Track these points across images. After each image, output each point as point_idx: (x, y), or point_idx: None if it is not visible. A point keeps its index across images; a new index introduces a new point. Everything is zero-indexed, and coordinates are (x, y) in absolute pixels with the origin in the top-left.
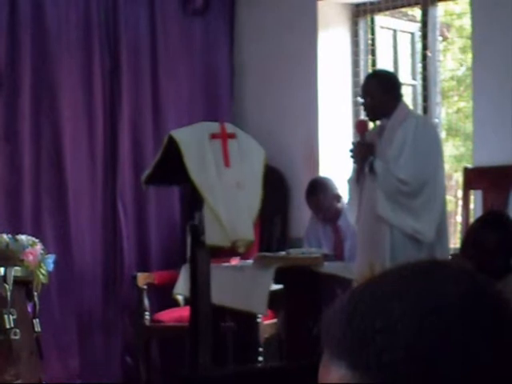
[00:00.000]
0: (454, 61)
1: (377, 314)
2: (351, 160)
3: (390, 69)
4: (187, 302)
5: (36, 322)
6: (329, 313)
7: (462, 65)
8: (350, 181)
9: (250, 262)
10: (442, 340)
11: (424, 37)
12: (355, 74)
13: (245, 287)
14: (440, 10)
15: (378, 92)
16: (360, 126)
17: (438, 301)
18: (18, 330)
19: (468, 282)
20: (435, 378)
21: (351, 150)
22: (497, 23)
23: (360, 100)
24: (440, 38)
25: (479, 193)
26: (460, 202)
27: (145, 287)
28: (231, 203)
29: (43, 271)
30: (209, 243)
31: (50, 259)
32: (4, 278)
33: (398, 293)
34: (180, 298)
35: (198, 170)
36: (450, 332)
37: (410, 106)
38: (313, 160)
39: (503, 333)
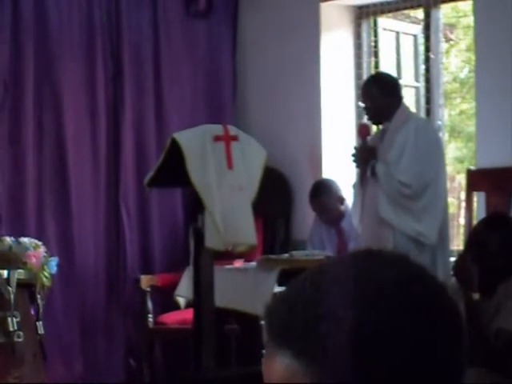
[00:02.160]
0: (458, 59)
1: (318, 301)
2: (353, 164)
3: (393, 71)
4: (188, 304)
5: (39, 324)
6: (271, 304)
7: (464, 66)
8: (355, 185)
9: (253, 264)
10: (383, 324)
11: (427, 39)
12: (358, 76)
13: (248, 289)
14: (443, 12)
15: (378, 95)
16: (362, 130)
17: (376, 286)
18: (21, 333)
19: (404, 267)
20: (379, 361)
21: (353, 155)
22: (500, 25)
23: (361, 104)
24: (443, 40)
25: (482, 195)
26: (463, 204)
27: (148, 290)
28: (233, 206)
29: (46, 274)
30: (207, 246)
31: (53, 262)
32: (7, 280)
33: (338, 280)
34: (181, 300)
35: (198, 173)
36: (390, 316)
37: (413, 108)
38: (316, 162)
39: (441, 313)
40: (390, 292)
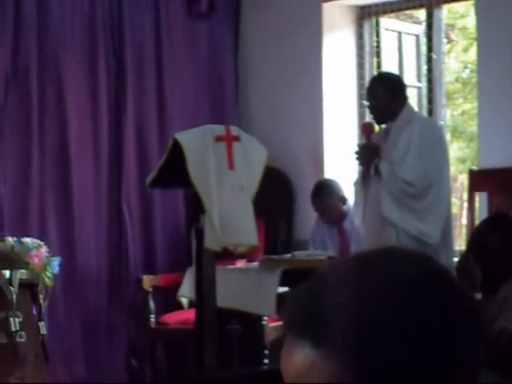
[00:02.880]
0: (456, 60)
1: (340, 293)
2: (357, 162)
3: (395, 71)
4: (191, 304)
5: (41, 324)
6: (292, 296)
7: (466, 67)
8: (356, 183)
9: (255, 264)
10: (403, 316)
11: (429, 39)
12: (360, 77)
13: (250, 290)
14: (445, 12)
15: (384, 94)
16: (366, 129)
17: (397, 279)
18: (23, 333)
19: (425, 263)
20: (398, 352)
21: (357, 153)
22: (502, 25)
23: (366, 103)
24: (445, 40)
25: (484, 195)
26: (465, 204)
27: (150, 290)
28: (234, 207)
29: (48, 274)
30: (206, 246)
31: (56, 262)
32: (9, 280)
33: (360, 272)
34: (184, 300)
35: (199, 174)
36: (409, 308)
37: (416, 108)
38: (318, 162)
39: (460, 312)
40: (409, 287)
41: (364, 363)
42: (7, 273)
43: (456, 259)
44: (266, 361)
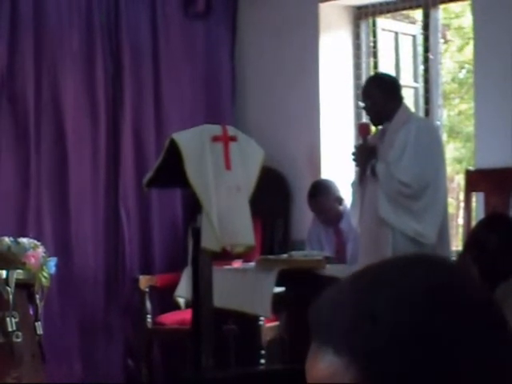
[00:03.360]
0: (450, 60)
1: (366, 301)
2: (353, 163)
3: (392, 71)
4: (188, 304)
5: (38, 324)
6: (318, 301)
7: (462, 67)
8: (353, 184)
9: (252, 264)
10: (429, 329)
11: (426, 39)
12: (357, 77)
13: (247, 290)
14: (441, 13)
15: (379, 95)
16: (362, 129)
17: (424, 291)
18: (20, 333)
19: (453, 272)
20: (421, 365)
21: (353, 153)
22: (498, 25)
23: (361, 104)
24: (442, 40)
25: (481, 195)
26: (462, 205)
27: (147, 290)
28: (230, 207)
29: (45, 274)
30: (203, 246)
31: (52, 262)
32: (6, 280)
33: (387, 282)
34: (181, 300)
35: (196, 174)
36: (436, 322)
37: (412, 109)
38: (315, 162)
39: (488, 322)
40: (437, 299)
41: (385, 372)
42: (4, 273)
43: (453, 259)
44: (262, 361)
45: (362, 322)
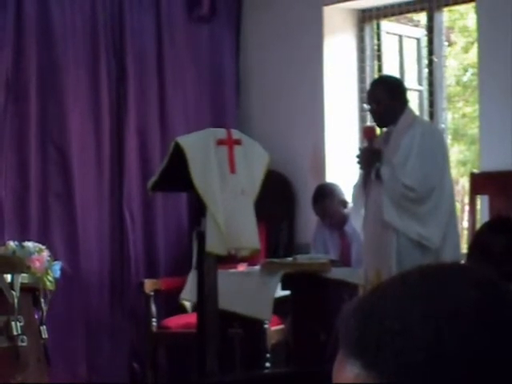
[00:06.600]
0: (455, 60)
1: (396, 315)
2: (358, 166)
3: (396, 74)
4: (194, 308)
5: (43, 328)
6: (347, 311)
7: (466, 70)
8: (355, 186)
9: (257, 267)
10: (461, 344)
11: (430, 42)
12: (361, 80)
13: (252, 293)
14: (445, 15)
15: (385, 98)
16: (368, 132)
17: (458, 305)
18: (25, 337)
19: (489, 288)
20: (452, 381)
21: (358, 156)
22: (503, 27)
23: (366, 106)
24: (446, 43)
25: (486, 198)
26: (466, 208)
27: (152, 294)
28: (235, 211)
29: (50, 278)
30: (208, 250)
31: (57, 266)
32: (11, 284)
33: (419, 295)
34: (187, 304)
35: (201, 177)
36: (468, 337)
37: (416, 112)
38: (319, 166)
39: None
40: (470, 314)
41: None
42: (9, 277)
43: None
44: (267, 364)
45: (393, 337)
